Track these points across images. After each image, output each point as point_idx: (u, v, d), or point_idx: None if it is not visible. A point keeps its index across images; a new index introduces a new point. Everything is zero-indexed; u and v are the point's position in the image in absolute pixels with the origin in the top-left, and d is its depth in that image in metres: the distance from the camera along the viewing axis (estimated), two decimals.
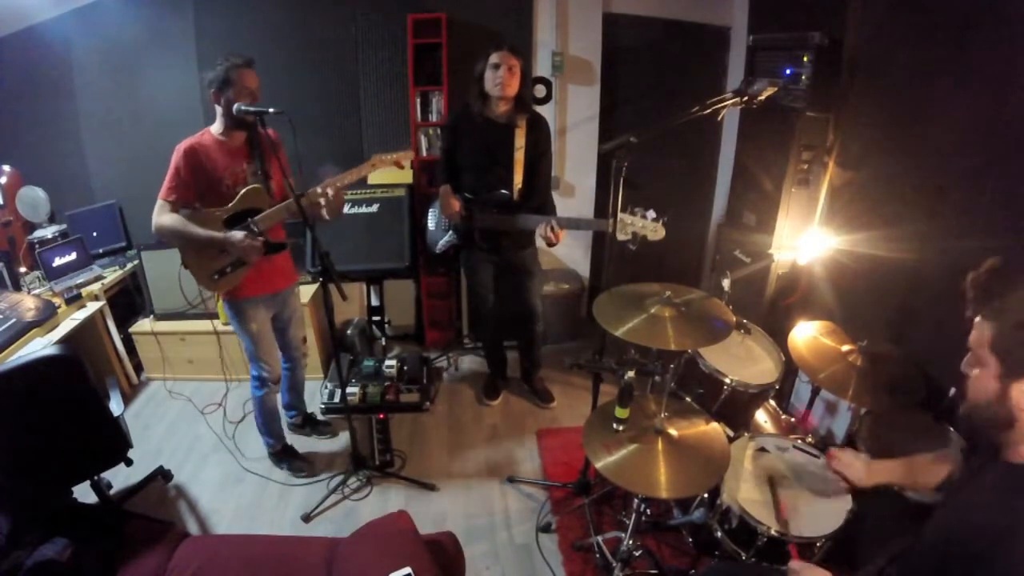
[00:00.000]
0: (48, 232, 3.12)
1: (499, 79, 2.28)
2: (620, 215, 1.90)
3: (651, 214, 1.97)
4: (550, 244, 2.37)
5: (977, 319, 0.97)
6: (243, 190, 2.06)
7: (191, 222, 2.01)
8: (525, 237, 2.65)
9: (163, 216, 2.00)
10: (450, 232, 2.61)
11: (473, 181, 2.49)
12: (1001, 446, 0.96)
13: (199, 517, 2.36)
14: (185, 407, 3.06)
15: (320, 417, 2.89)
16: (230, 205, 2.05)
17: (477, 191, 2.48)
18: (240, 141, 2.09)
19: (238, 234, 2.02)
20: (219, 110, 2.02)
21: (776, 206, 2.67)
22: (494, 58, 2.29)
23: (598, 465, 1.53)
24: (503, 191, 2.42)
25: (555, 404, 3.00)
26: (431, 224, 2.73)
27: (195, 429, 2.89)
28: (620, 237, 1.94)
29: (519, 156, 2.40)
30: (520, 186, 2.44)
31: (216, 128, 2.07)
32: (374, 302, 3.30)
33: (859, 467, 1.54)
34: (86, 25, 3.07)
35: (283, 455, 2.60)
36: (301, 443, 2.72)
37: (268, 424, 2.53)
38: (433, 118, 3.21)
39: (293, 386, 2.69)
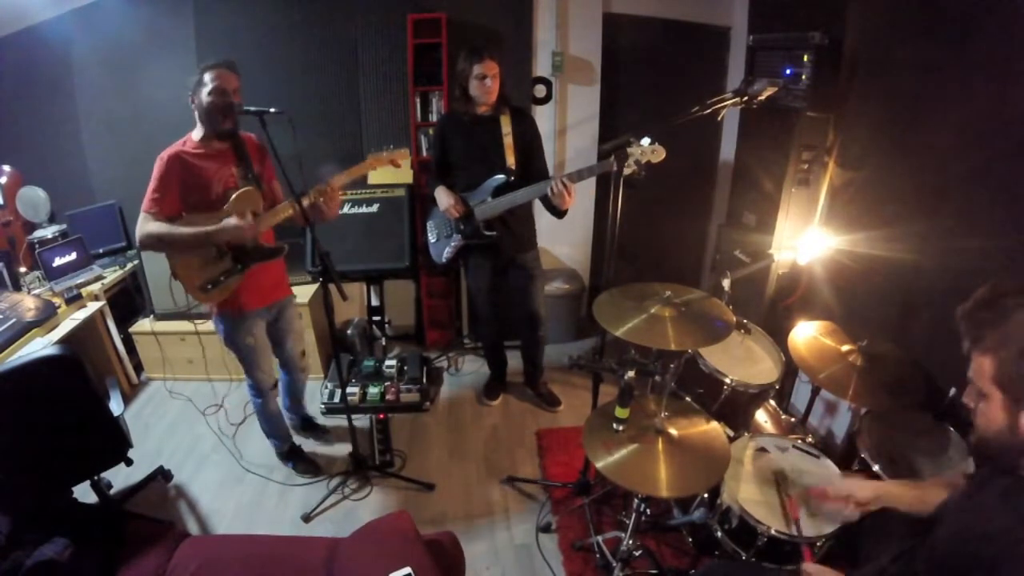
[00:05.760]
0: (48, 232, 3.11)
1: (487, 88, 2.35)
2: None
3: (646, 140, 1.98)
4: (563, 209, 2.34)
5: (975, 353, 0.96)
6: (236, 193, 2.01)
7: (180, 226, 1.94)
8: (527, 238, 2.66)
9: (148, 225, 1.91)
10: (454, 236, 2.59)
11: (468, 176, 2.51)
12: (1017, 468, 0.96)
13: (199, 517, 2.36)
14: (185, 407, 3.06)
15: (319, 421, 2.86)
16: (225, 209, 1.99)
17: (473, 185, 2.49)
18: (224, 145, 2.04)
19: (231, 219, 1.94)
20: (197, 116, 1.99)
21: (776, 206, 2.67)
22: (477, 69, 2.33)
23: (598, 465, 1.53)
24: (499, 175, 2.44)
25: (562, 408, 3.00)
26: (432, 237, 2.70)
27: (195, 429, 2.89)
28: (627, 171, 1.94)
29: (508, 141, 2.45)
30: (515, 168, 2.46)
31: (197, 134, 2.02)
32: (374, 302, 3.30)
33: (862, 485, 1.39)
34: (86, 25, 3.07)
35: (290, 455, 2.60)
36: (303, 444, 2.72)
37: (273, 427, 2.53)
38: (433, 118, 3.21)
39: (293, 393, 2.68)
